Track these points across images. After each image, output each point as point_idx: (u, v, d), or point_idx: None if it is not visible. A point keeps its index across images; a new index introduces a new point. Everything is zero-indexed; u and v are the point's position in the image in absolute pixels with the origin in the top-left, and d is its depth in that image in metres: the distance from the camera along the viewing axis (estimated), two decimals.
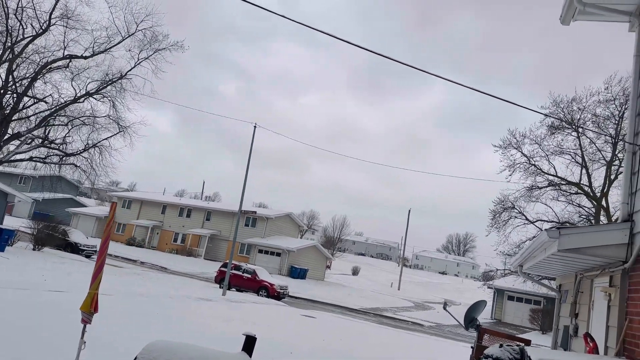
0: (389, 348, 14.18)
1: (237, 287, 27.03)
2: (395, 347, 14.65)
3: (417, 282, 74.90)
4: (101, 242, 4.23)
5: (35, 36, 28.85)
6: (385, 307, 34.45)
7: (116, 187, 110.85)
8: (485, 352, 8.16)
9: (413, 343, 17.03)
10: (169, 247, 48.96)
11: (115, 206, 4.41)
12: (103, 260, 4.23)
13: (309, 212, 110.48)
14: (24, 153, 31.22)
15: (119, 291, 16.19)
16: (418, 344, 17.23)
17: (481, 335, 8.73)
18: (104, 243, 4.23)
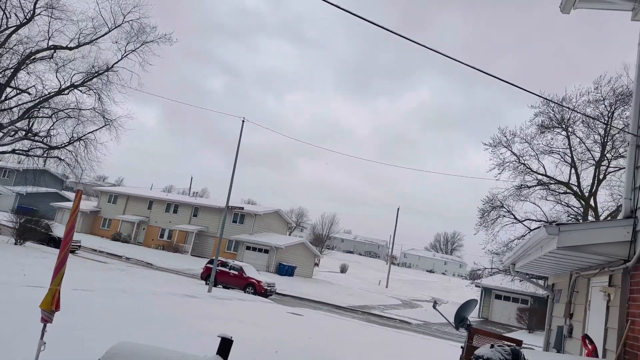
0: (376, 346, 13.94)
1: (223, 284, 26.65)
2: (383, 346, 14.42)
3: (405, 280, 75.00)
4: (65, 233, 3.88)
5: (19, 26, 28.14)
6: (373, 304, 34.28)
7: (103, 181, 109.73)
8: (475, 352, 7.92)
9: (400, 341, 16.81)
10: (155, 243, 48.37)
11: (80, 194, 4.06)
12: (66, 254, 3.89)
13: (298, 209, 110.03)
14: (6, 145, 30.47)
15: (100, 287, 15.77)
16: (405, 342, 17.02)
17: (472, 335, 8.48)
18: (67, 235, 3.89)
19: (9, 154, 31.13)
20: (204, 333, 10.25)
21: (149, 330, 9.45)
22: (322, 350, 11.21)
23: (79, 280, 16.43)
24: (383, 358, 12.08)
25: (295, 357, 9.70)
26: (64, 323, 8.19)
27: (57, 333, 6.88)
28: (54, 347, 5.99)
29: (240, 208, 46.48)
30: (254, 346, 9.87)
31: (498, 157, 30.61)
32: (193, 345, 8.70)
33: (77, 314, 9.67)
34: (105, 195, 54.07)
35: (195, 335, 9.92)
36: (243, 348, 9.27)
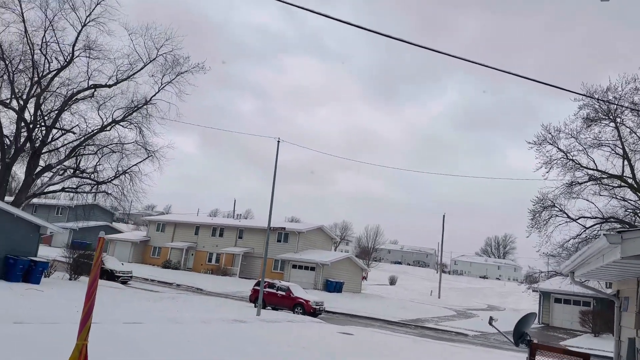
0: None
1: (272, 306, 26.57)
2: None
3: (457, 289, 72.98)
4: (88, 283, 3.78)
5: (60, 69, 29.45)
6: (427, 317, 33.34)
7: (152, 210, 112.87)
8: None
9: (459, 356, 16.11)
10: (204, 267, 49.06)
11: (102, 242, 3.97)
12: (91, 306, 3.78)
13: (341, 223, 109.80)
14: (56, 184, 31.78)
15: (150, 318, 15.93)
16: (465, 357, 16.30)
17: (533, 351, 7.92)
18: (90, 286, 3.79)
19: (60, 192, 32.42)
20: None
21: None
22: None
23: (130, 312, 16.69)
24: None
25: None
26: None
27: None
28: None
29: (282, 228, 46.65)
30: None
31: (544, 155, 29.45)
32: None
33: (123, 349, 9.71)
34: (154, 224, 55.46)
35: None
36: None
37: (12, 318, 11.59)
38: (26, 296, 16.41)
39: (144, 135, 31.86)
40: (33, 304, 14.95)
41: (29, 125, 29.04)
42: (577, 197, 29.82)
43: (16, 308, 13.41)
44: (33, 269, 20.64)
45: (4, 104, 28.50)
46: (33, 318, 12.09)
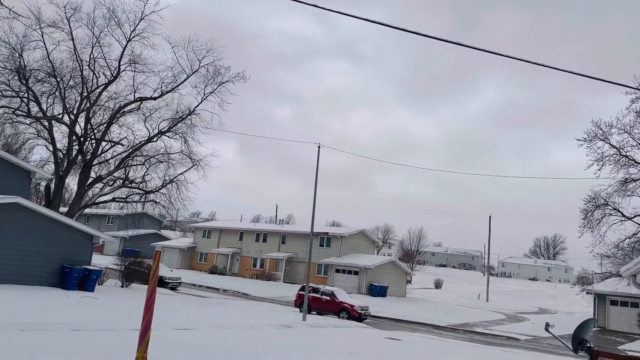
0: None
1: (317, 310, 26.60)
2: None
3: (506, 292, 70.94)
4: (147, 296, 3.88)
5: (108, 83, 30.61)
6: (475, 321, 32.54)
7: (198, 217, 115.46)
8: None
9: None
10: (249, 272, 49.73)
11: (159, 255, 4.08)
12: (149, 319, 3.88)
13: (383, 226, 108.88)
14: (107, 195, 33.01)
15: (202, 324, 16.27)
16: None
17: (594, 358, 7.57)
18: (149, 298, 3.89)
19: (110, 202, 33.65)
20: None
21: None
22: None
23: (180, 318, 17.08)
24: None
25: None
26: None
27: None
28: None
29: (325, 233, 46.72)
30: None
31: (595, 152, 28.30)
32: None
33: (178, 355, 9.94)
34: (200, 231, 56.70)
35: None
36: None
37: (70, 325, 12.07)
38: (82, 304, 17.07)
39: (189, 144, 32.69)
40: (88, 311, 15.54)
41: (79, 139, 30.31)
42: (632, 194, 28.52)
43: (73, 315, 13.97)
44: (87, 277, 21.46)
45: (56, 119, 29.87)
46: (89, 325, 12.55)
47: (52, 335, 10.72)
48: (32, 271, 20.09)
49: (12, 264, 19.37)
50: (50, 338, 10.33)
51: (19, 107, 29.17)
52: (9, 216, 19.44)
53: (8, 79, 27.97)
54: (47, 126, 30.11)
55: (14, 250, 19.47)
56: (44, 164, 32.45)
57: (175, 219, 36.50)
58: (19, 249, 19.65)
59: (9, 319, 11.75)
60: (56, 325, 11.86)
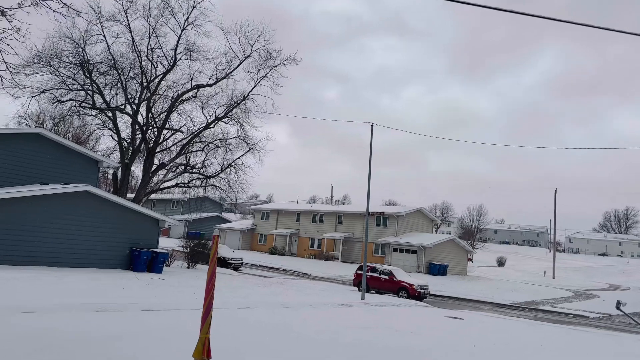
0: (551, 351, 12.59)
1: (375, 289, 26.66)
2: (557, 348, 12.97)
3: (574, 268, 68.06)
4: (207, 280, 3.99)
5: (166, 73, 31.59)
6: (541, 299, 31.49)
7: (256, 200, 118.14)
8: None
9: (581, 343, 15.01)
10: (307, 252, 50.50)
11: (217, 239, 4.18)
12: (211, 301, 3.99)
13: (441, 204, 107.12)
14: (170, 180, 34.40)
15: (264, 302, 16.73)
16: (594, 344, 15.14)
17: None
18: (209, 281, 3.99)
19: (173, 187, 35.04)
20: (362, 343, 10.19)
21: (306, 346, 9.64)
22: (490, 357, 10.42)
23: (243, 297, 17.65)
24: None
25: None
26: (231, 345, 8.71)
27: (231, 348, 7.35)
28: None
29: (381, 213, 46.49)
30: (414, 358, 9.51)
31: None
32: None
33: (242, 333, 10.28)
34: (259, 213, 58.03)
35: (355, 348, 9.88)
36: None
37: (140, 306, 12.75)
38: (151, 285, 17.98)
39: (244, 129, 33.35)
40: (157, 292, 16.35)
41: (142, 128, 31.61)
42: None
43: (143, 296, 14.74)
44: (155, 259, 22.55)
45: (119, 110, 31.27)
46: (159, 305, 13.21)
47: (124, 315, 11.37)
48: (104, 255, 21.35)
49: (85, 248, 20.67)
50: (122, 318, 10.96)
51: (85, 100, 30.74)
52: (81, 204, 20.67)
53: (74, 73, 29.48)
54: (111, 117, 31.60)
55: (86, 236, 20.74)
56: (111, 153, 34.16)
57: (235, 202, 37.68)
58: (91, 234, 20.91)
59: (85, 300, 12.57)
60: (128, 305, 12.57)
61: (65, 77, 29.22)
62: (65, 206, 20.06)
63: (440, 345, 11.33)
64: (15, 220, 18.60)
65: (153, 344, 8.61)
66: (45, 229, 19.38)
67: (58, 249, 19.67)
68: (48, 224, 19.49)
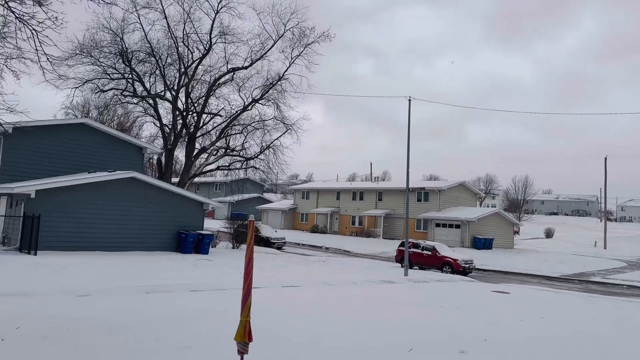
0: (602, 324, 12.21)
1: (419, 265, 26.51)
2: (613, 323, 12.56)
3: (627, 237, 65.41)
4: (245, 264, 4.04)
5: (202, 57, 31.92)
6: (592, 271, 30.52)
7: (296, 179, 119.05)
8: None
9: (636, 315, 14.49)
10: (348, 230, 50.67)
11: (252, 224, 4.20)
12: (249, 284, 4.04)
13: (485, 177, 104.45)
14: (212, 164, 35.07)
15: (307, 281, 16.97)
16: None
17: None
18: (247, 265, 4.04)
19: (215, 170, 35.73)
20: (405, 319, 10.19)
21: (348, 324, 9.73)
22: (536, 333, 10.21)
23: (287, 276, 17.95)
24: (606, 339, 10.50)
25: (507, 344, 8.97)
26: (274, 325, 8.89)
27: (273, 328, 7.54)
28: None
29: (422, 188, 45.93)
30: (459, 334, 9.43)
31: None
32: (394, 338, 8.66)
33: (285, 312, 10.48)
34: (299, 193, 58.51)
35: (399, 325, 9.89)
36: (447, 337, 8.93)
37: (189, 287, 13.18)
38: (198, 266, 18.53)
39: (281, 110, 33.47)
40: (204, 272, 16.84)
41: (182, 113, 32.23)
42: None
43: (191, 277, 15.22)
44: (201, 241, 23.20)
45: (159, 96, 31.95)
46: (206, 286, 13.61)
47: (174, 296, 11.77)
48: (152, 238, 22.12)
49: (134, 233, 21.46)
50: (171, 299, 11.36)
51: (126, 88, 31.55)
52: (128, 189, 21.40)
53: (114, 62, 30.25)
54: (152, 104, 32.35)
55: (135, 221, 21.51)
56: (154, 139, 35.10)
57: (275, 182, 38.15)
58: (139, 219, 21.67)
59: (137, 282, 13.09)
60: (177, 286, 13.01)
61: (106, 67, 30.03)
62: (113, 193, 20.83)
63: (486, 321, 11.18)
64: (66, 209, 19.48)
65: (198, 324, 8.88)
66: (95, 216, 20.23)
67: (109, 234, 20.52)
68: (98, 211, 20.32)
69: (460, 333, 9.55)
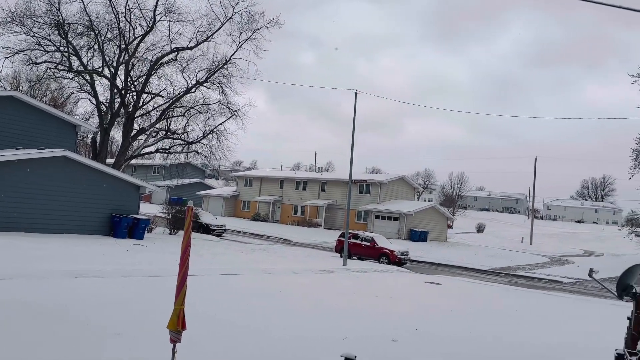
0: (523, 315, 12.99)
1: (357, 256, 27.02)
2: (531, 312, 13.39)
3: (551, 235, 69.81)
4: (181, 251, 3.94)
5: (144, 34, 30.66)
6: (517, 265, 32.34)
7: (239, 166, 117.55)
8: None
9: (555, 308, 15.52)
10: (290, 219, 50.76)
11: (191, 210, 4.10)
12: (185, 272, 3.94)
13: (423, 172, 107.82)
14: (151, 146, 33.90)
15: (246, 269, 16.85)
16: (562, 309, 15.66)
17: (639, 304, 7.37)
18: (183, 253, 3.94)
19: (154, 153, 34.59)
20: (340, 311, 10.37)
21: (286, 313, 9.78)
22: (465, 324, 10.70)
23: (226, 264, 17.74)
24: (532, 328, 11.19)
25: (436, 333, 9.35)
26: (210, 312, 8.78)
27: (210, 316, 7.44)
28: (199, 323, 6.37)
29: (364, 180, 46.72)
30: (392, 323, 9.72)
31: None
32: (330, 327, 8.80)
33: (223, 300, 10.37)
34: (242, 180, 57.84)
35: (335, 314, 10.05)
36: (380, 326, 9.18)
37: (121, 272, 12.73)
38: (132, 251, 17.93)
39: (226, 94, 32.80)
40: (138, 258, 16.32)
41: (121, 92, 30.88)
42: None
43: (124, 263, 14.70)
44: (136, 225, 22.41)
45: (97, 72, 30.41)
46: (139, 272, 13.20)
47: (104, 282, 11.34)
48: (84, 221, 21.14)
49: (64, 215, 20.40)
50: (101, 285, 10.93)
51: (61, 62, 29.79)
52: (58, 169, 20.29)
53: (48, 33, 28.45)
54: (88, 80, 30.75)
55: (65, 202, 20.45)
56: (89, 117, 33.45)
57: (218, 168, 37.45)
58: (70, 200, 20.62)
59: (65, 267, 12.49)
60: (108, 272, 12.53)
61: (40, 38, 28.21)
62: (42, 171, 19.68)
63: (418, 311, 11.58)
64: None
65: (129, 312, 8.62)
66: (22, 195, 19.04)
67: (36, 215, 19.40)
68: (25, 190, 19.14)
69: (393, 322, 9.84)
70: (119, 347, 6.39)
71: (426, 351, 7.90)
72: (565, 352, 8.92)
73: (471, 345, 8.65)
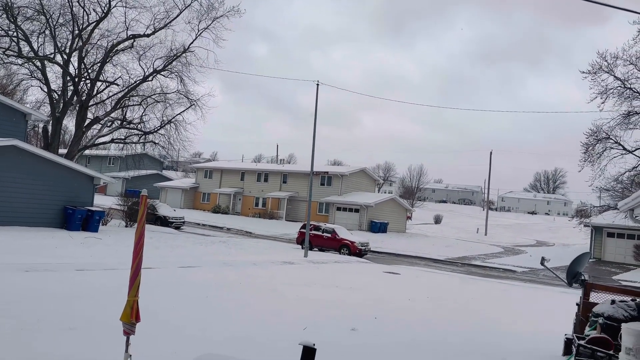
0: (479, 302, 13.40)
1: (319, 247, 27.14)
2: (486, 300, 13.83)
3: (505, 225, 72.15)
4: (135, 241, 3.81)
5: (99, 20, 29.55)
6: (473, 255, 33.30)
7: (199, 158, 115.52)
8: (594, 309, 7.20)
9: (509, 296, 16.07)
10: (251, 211, 50.41)
11: (145, 198, 3.98)
12: (139, 263, 3.83)
13: (384, 164, 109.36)
14: (105, 136, 32.84)
15: (206, 261, 16.61)
16: (515, 297, 16.24)
17: (587, 291, 7.74)
18: (137, 243, 3.81)
19: (109, 143, 33.52)
20: (302, 299, 10.39)
21: (247, 304, 9.72)
22: (422, 312, 10.94)
23: (185, 256, 17.43)
24: (485, 316, 11.56)
25: (395, 322, 9.51)
26: (167, 305, 8.62)
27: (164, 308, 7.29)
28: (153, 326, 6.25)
29: (325, 172, 46.85)
30: (352, 312, 9.82)
31: (599, 84, 27.70)
32: (290, 317, 8.81)
33: (181, 292, 10.20)
34: (202, 172, 56.92)
35: (295, 305, 10.06)
36: (340, 316, 9.26)
37: (74, 266, 12.31)
38: (86, 244, 17.37)
39: (185, 84, 32.09)
40: (92, 251, 15.83)
41: (74, 79, 29.69)
42: (634, 127, 28.31)
43: (77, 256, 14.22)
44: (91, 217, 21.72)
45: (48, 59, 29.12)
46: (93, 265, 12.81)
47: (57, 275, 10.94)
48: (35, 213, 20.31)
49: (14, 206, 19.55)
50: (54, 278, 10.54)
51: (10, 47, 28.35)
52: (7, 159, 19.38)
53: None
54: (39, 66, 29.41)
55: (15, 193, 19.59)
56: (40, 106, 32.05)
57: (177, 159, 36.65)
58: (19, 191, 19.76)
59: (15, 260, 11.97)
60: (61, 265, 12.10)
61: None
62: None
63: (377, 301, 11.74)
64: None
65: (82, 305, 8.37)
66: None
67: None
68: None
69: (353, 312, 9.94)
70: (73, 341, 6.18)
71: (384, 339, 8.02)
72: (516, 337, 9.26)
73: (428, 333, 8.85)
